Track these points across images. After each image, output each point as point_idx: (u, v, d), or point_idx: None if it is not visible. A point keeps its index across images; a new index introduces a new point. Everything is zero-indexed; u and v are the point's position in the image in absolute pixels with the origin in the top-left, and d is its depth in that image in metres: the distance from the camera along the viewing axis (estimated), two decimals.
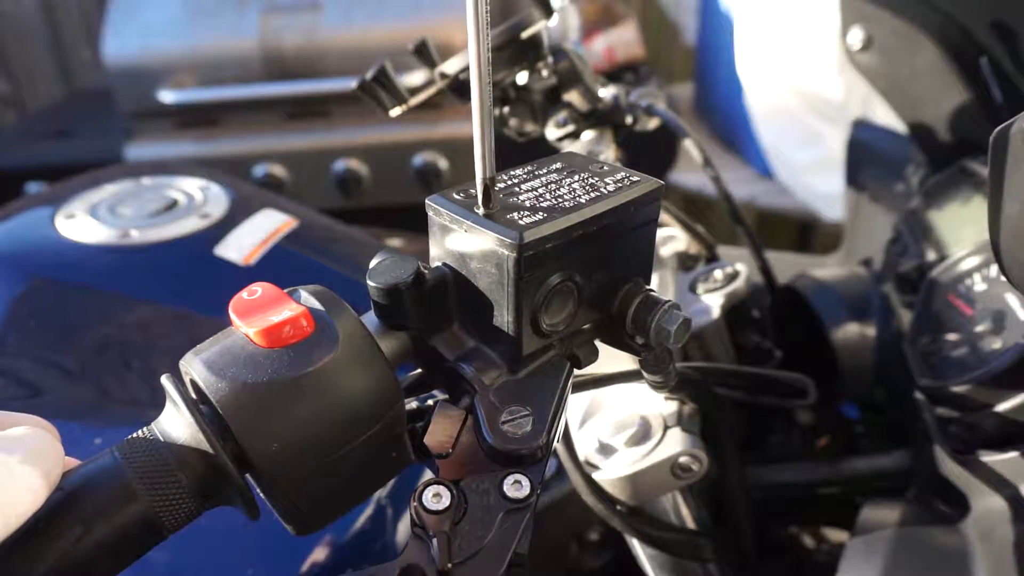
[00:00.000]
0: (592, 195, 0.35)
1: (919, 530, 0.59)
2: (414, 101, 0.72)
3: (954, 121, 0.80)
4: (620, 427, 0.60)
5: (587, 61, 0.77)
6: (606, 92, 0.77)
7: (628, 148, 0.81)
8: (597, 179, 0.37)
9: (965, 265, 0.70)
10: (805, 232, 2.27)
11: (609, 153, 0.78)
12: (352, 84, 0.70)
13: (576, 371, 0.39)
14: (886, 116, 0.95)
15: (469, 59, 0.32)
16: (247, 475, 0.33)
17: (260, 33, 1.68)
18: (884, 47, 0.83)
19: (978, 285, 0.67)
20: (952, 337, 0.66)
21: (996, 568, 0.51)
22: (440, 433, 0.36)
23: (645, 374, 0.49)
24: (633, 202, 0.36)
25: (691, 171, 2.21)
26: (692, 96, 2.62)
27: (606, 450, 0.60)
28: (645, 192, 0.36)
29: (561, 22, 1.75)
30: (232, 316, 0.34)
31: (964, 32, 0.75)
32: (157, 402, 0.34)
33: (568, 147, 0.78)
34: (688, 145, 0.78)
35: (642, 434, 0.59)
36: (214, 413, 0.32)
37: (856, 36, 0.84)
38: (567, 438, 0.58)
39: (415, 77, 1.32)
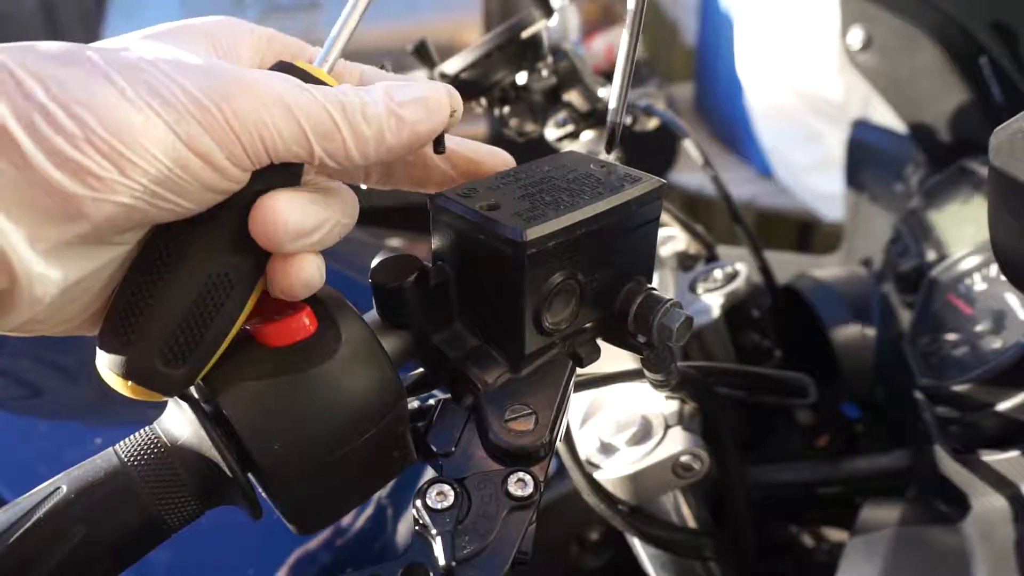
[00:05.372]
0: (594, 193, 0.35)
1: (919, 530, 0.58)
2: None
3: (954, 121, 0.80)
4: (621, 426, 0.60)
5: (586, 61, 0.77)
6: (606, 92, 0.78)
7: (628, 148, 0.81)
8: (599, 177, 0.37)
9: (965, 265, 0.70)
10: (805, 232, 2.28)
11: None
12: None
13: (578, 370, 0.39)
14: (886, 116, 0.95)
15: None
16: (249, 474, 0.33)
17: None
18: (884, 47, 0.83)
19: (978, 285, 0.67)
20: (952, 337, 0.66)
21: (996, 568, 0.51)
22: (443, 432, 0.36)
23: (647, 373, 0.49)
24: (635, 200, 0.36)
25: (691, 171, 2.22)
26: (692, 96, 2.62)
27: (607, 449, 0.60)
28: (647, 190, 0.36)
29: (561, 22, 1.75)
30: None
31: (964, 32, 0.75)
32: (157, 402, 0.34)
33: (568, 147, 0.78)
34: (688, 145, 0.78)
35: (643, 433, 0.59)
36: (217, 412, 0.32)
37: (856, 36, 0.85)
38: (568, 438, 0.58)
39: (415, 77, 1.32)
